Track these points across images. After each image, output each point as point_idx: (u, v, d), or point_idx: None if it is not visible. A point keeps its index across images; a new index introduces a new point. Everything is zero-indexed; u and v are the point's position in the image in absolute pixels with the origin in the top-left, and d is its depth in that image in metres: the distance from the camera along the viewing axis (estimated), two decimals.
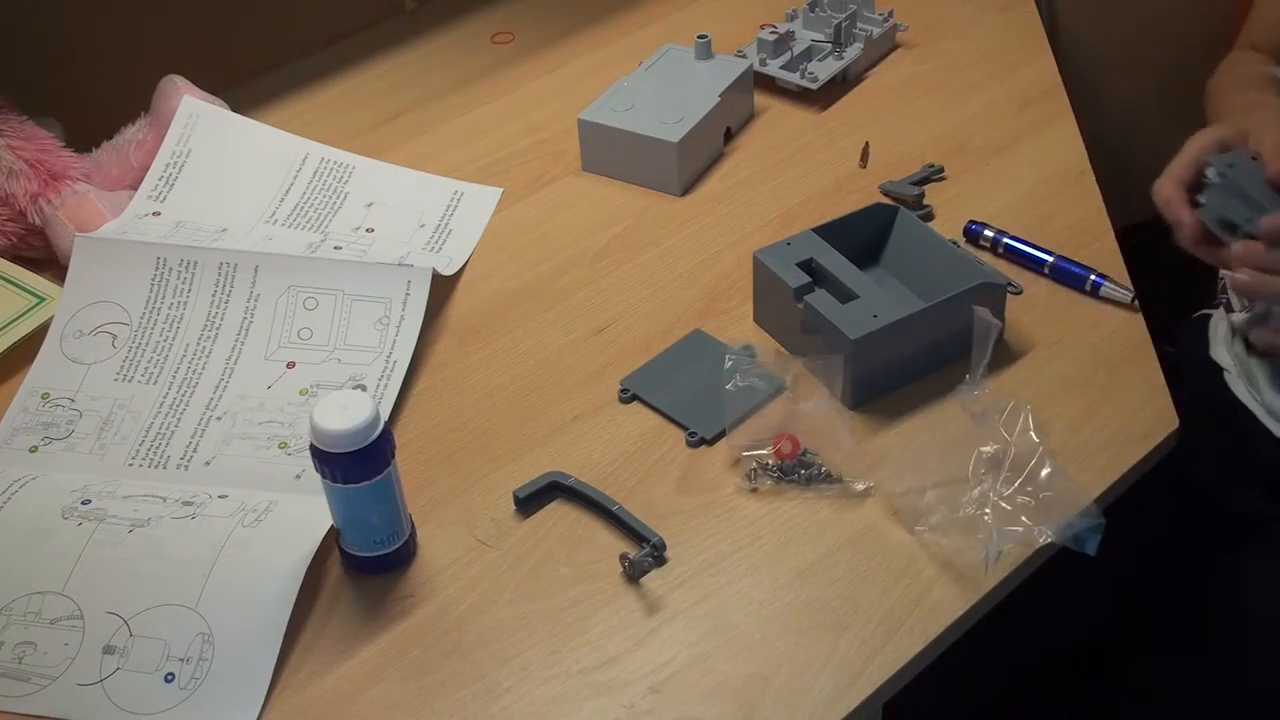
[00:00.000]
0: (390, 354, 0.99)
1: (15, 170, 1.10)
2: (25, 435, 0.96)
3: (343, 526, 0.85)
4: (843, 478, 0.90)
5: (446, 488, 0.92)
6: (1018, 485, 0.85)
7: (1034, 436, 0.88)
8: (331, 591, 0.86)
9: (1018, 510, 0.84)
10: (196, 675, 0.79)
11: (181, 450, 0.94)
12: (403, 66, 1.38)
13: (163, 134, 1.15)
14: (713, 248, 1.12)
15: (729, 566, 0.86)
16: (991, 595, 0.83)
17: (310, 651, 0.82)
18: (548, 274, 1.10)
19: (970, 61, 1.33)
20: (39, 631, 0.81)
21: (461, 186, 1.19)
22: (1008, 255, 1.07)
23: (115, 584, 0.82)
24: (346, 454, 0.79)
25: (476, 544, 0.88)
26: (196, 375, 0.99)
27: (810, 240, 1.01)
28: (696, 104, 1.19)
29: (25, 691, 0.79)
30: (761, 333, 1.03)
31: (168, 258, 1.03)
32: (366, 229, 1.13)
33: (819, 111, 1.28)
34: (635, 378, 0.99)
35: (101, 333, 1.01)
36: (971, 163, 1.19)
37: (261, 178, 1.16)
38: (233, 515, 0.86)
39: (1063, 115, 1.24)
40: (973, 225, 1.09)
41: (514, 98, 1.33)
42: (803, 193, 1.17)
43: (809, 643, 0.81)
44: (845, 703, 0.77)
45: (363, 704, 0.79)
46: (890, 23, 1.34)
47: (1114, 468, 0.90)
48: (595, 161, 1.21)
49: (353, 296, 1.01)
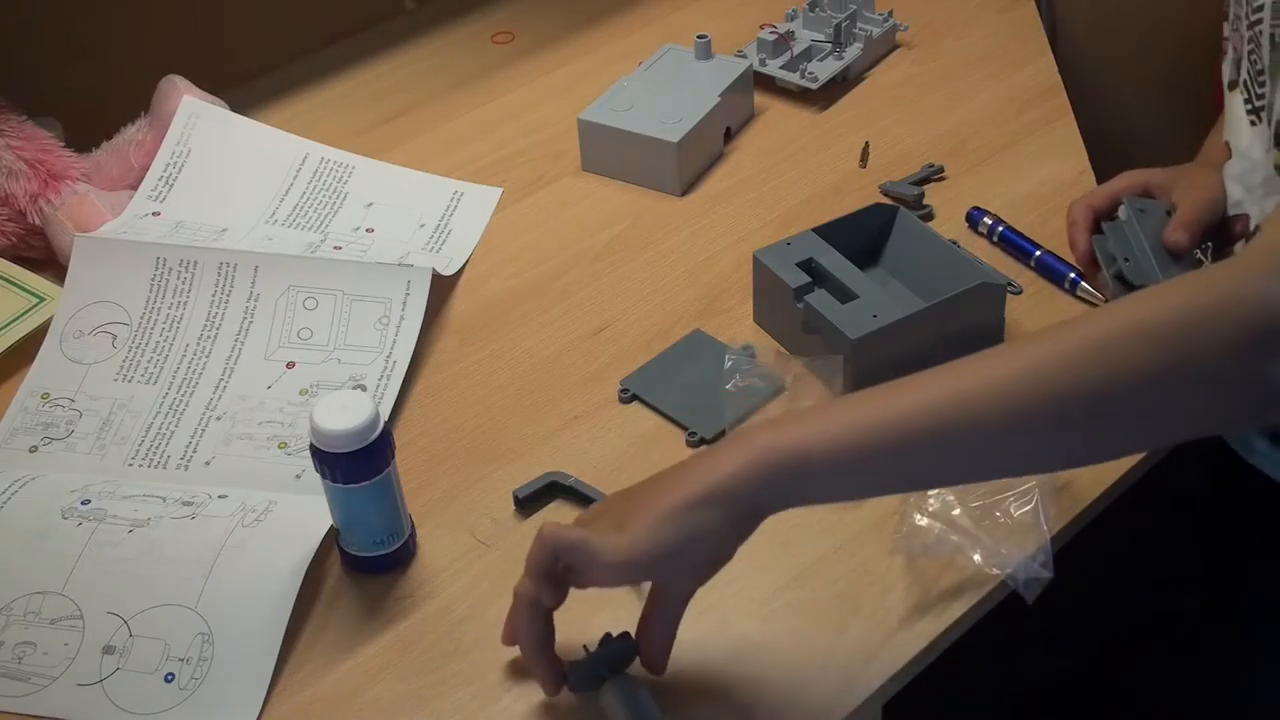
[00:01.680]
0: (390, 354, 0.99)
1: (15, 170, 1.10)
2: (25, 435, 0.96)
3: (343, 526, 0.85)
4: None
5: (446, 488, 0.92)
6: (994, 501, 0.86)
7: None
8: (331, 591, 0.86)
9: (982, 529, 0.84)
10: (196, 675, 0.79)
11: (181, 450, 0.94)
12: (403, 66, 1.38)
13: (163, 134, 1.15)
14: (713, 248, 1.12)
15: (729, 566, 0.85)
16: (991, 596, 0.83)
17: (310, 651, 0.82)
18: (548, 274, 1.10)
19: (970, 61, 1.33)
20: (39, 631, 0.81)
21: (461, 186, 1.19)
22: (1002, 244, 1.09)
23: (115, 584, 0.82)
24: (346, 454, 0.79)
25: (476, 544, 0.88)
26: (196, 375, 0.99)
27: (810, 240, 1.01)
28: (696, 104, 1.19)
29: (25, 691, 0.79)
30: (761, 333, 1.03)
31: (168, 258, 1.03)
32: (366, 229, 1.13)
33: (819, 111, 1.28)
34: (635, 378, 0.99)
35: (101, 333, 1.01)
36: (971, 163, 1.19)
37: (261, 178, 1.16)
38: (232, 515, 0.86)
39: (1063, 115, 1.24)
40: (974, 210, 1.10)
41: (514, 98, 1.33)
42: (803, 193, 1.17)
43: (809, 643, 0.81)
44: (845, 703, 0.77)
45: (363, 704, 0.79)
46: (890, 23, 1.34)
47: (1114, 467, 0.90)
48: (595, 161, 1.21)
49: (353, 296, 1.01)
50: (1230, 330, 0.65)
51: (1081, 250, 1.03)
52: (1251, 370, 0.66)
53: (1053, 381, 0.67)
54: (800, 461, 0.68)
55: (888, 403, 0.69)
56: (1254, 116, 0.95)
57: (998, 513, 0.85)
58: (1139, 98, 1.61)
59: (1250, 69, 0.94)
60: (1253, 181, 0.97)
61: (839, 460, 0.68)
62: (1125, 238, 1.00)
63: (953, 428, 0.68)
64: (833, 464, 0.68)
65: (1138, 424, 0.69)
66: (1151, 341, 0.66)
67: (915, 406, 0.68)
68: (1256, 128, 0.95)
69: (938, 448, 0.68)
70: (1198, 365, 0.66)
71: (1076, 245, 1.03)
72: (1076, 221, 1.04)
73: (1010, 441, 0.68)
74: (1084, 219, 1.03)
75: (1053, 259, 1.05)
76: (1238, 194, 0.99)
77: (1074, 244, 1.04)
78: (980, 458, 0.70)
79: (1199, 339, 0.66)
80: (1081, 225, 1.03)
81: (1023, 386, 0.67)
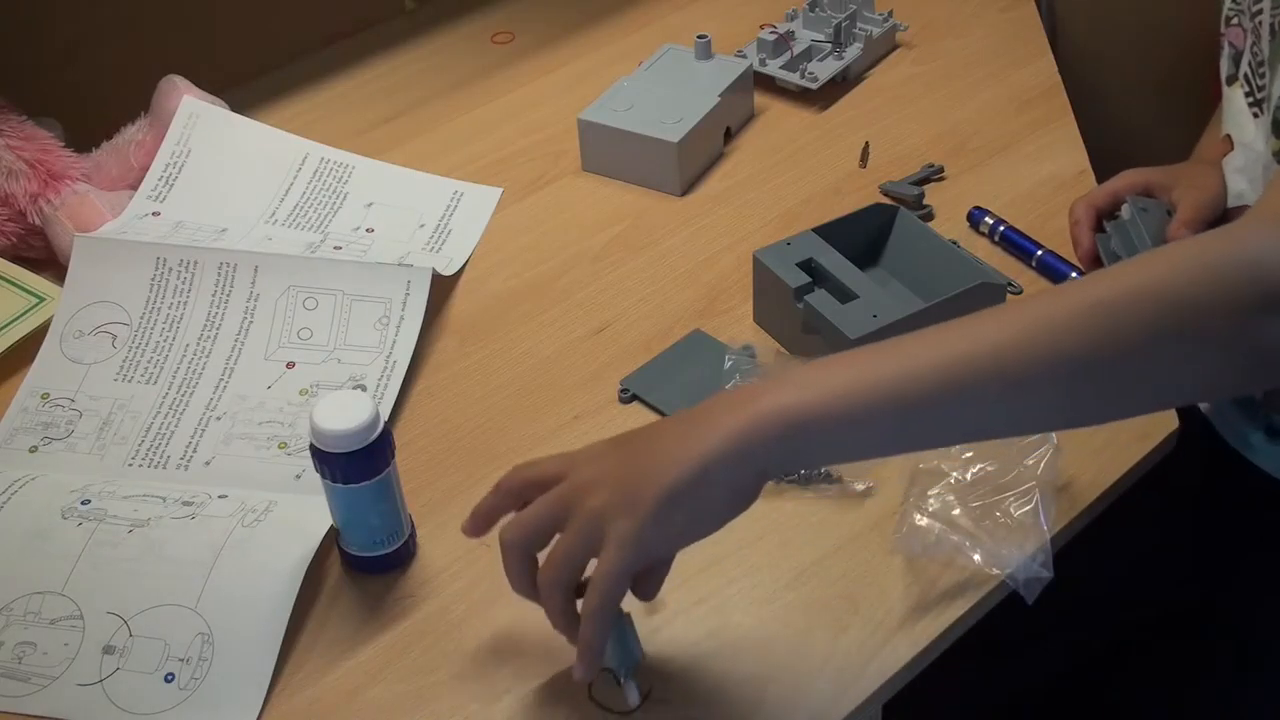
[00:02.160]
0: (390, 354, 0.99)
1: (15, 170, 1.10)
2: (25, 435, 0.96)
3: (343, 526, 0.85)
4: (843, 478, 0.90)
5: (446, 488, 0.92)
6: (994, 501, 0.86)
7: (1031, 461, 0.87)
8: (331, 591, 0.86)
9: (982, 529, 0.84)
10: (196, 675, 0.79)
11: (181, 450, 0.94)
12: (403, 66, 1.38)
13: (162, 134, 1.15)
14: (713, 248, 1.12)
15: (729, 566, 0.86)
16: (991, 596, 0.83)
17: (310, 651, 0.82)
18: (548, 274, 1.10)
19: (970, 61, 1.33)
20: (39, 631, 0.81)
21: (461, 186, 1.19)
22: (1004, 244, 1.09)
23: (115, 584, 0.82)
24: (346, 454, 0.79)
25: (476, 544, 0.88)
26: (196, 375, 0.99)
27: (810, 240, 1.01)
28: (696, 104, 1.19)
29: (25, 691, 0.79)
30: (761, 333, 1.03)
31: (167, 258, 1.03)
32: (366, 229, 1.13)
33: (819, 111, 1.28)
34: (635, 378, 0.99)
35: (101, 333, 1.01)
36: (971, 163, 1.19)
37: (261, 178, 1.16)
38: (232, 515, 0.86)
39: (1063, 115, 1.24)
40: (976, 210, 1.10)
41: (514, 98, 1.33)
42: (803, 193, 1.17)
43: (809, 643, 0.81)
44: (845, 703, 0.77)
45: (363, 704, 0.79)
46: (890, 23, 1.34)
47: (1114, 467, 0.90)
48: (595, 161, 1.21)
49: (353, 296, 1.01)
50: (1228, 291, 0.66)
51: (1085, 249, 1.03)
52: (1248, 330, 0.66)
53: (1056, 341, 0.67)
54: (801, 427, 0.68)
55: (888, 361, 0.69)
56: (1256, 109, 0.95)
57: (998, 513, 0.85)
58: (1139, 98, 1.61)
59: (1251, 60, 0.94)
60: (1255, 173, 0.97)
61: (840, 421, 0.68)
62: (1129, 237, 1.01)
63: (956, 386, 0.67)
64: (834, 425, 0.68)
65: (1140, 384, 0.69)
66: (1153, 302, 0.66)
67: (915, 366, 0.68)
68: (1259, 119, 0.95)
69: (941, 408, 0.68)
70: (1197, 326, 0.66)
71: (1080, 243, 1.04)
72: (1080, 220, 1.04)
73: (1015, 400, 0.68)
74: (1087, 218, 1.04)
75: (1054, 259, 1.05)
76: (1240, 186, 0.99)
77: (1077, 242, 1.04)
78: (983, 417, 0.69)
79: (1198, 300, 0.66)
80: (1085, 224, 1.04)
81: (1026, 346, 0.67)
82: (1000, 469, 0.87)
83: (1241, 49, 0.96)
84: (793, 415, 0.68)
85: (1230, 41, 0.98)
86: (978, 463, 0.87)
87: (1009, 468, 0.87)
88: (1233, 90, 0.98)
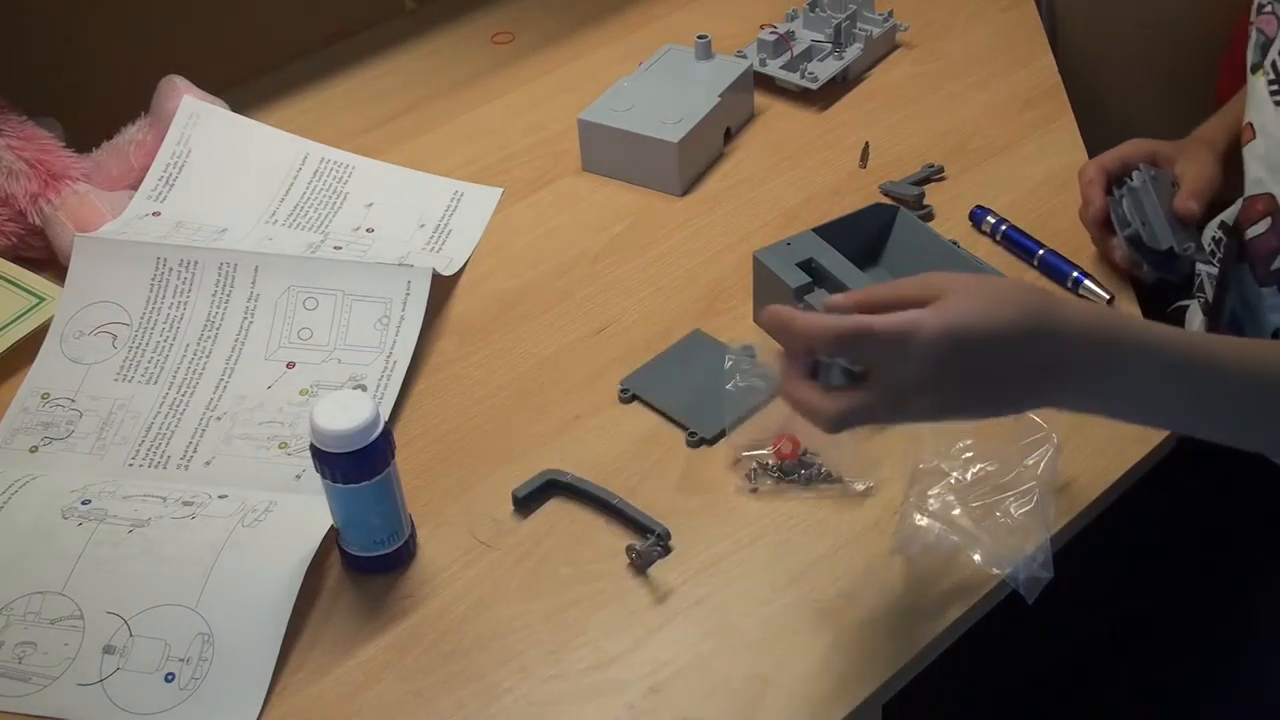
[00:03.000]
0: (390, 354, 0.99)
1: (15, 170, 1.10)
2: (25, 435, 0.96)
3: (343, 526, 0.85)
4: (843, 478, 0.90)
5: (446, 488, 0.92)
6: (994, 501, 0.86)
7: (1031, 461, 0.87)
8: (331, 591, 0.86)
9: (982, 529, 0.84)
10: (196, 675, 0.79)
11: (181, 450, 0.94)
12: (403, 66, 1.38)
13: (163, 134, 1.15)
14: (713, 248, 1.12)
15: (729, 566, 0.86)
16: (991, 596, 0.83)
17: (310, 651, 0.82)
18: (548, 274, 1.10)
19: (970, 61, 1.33)
20: (39, 631, 0.81)
21: (461, 186, 1.19)
22: (1005, 243, 1.09)
23: (115, 584, 0.82)
24: (346, 454, 0.79)
25: (476, 544, 0.88)
26: (196, 375, 0.99)
27: (810, 240, 1.01)
28: (696, 104, 1.19)
29: (25, 691, 0.79)
30: (761, 333, 1.03)
31: (168, 258, 1.03)
32: (366, 229, 1.13)
33: (819, 111, 1.28)
34: (635, 378, 0.99)
35: (101, 333, 1.01)
36: (971, 163, 1.19)
37: (261, 178, 1.16)
38: (233, 515, 0.86)
39: (1063, 115, 1.24)
40: (978, 210, 1.10)
41: (514, 98, 1.33)
42: (803, 193, 1.17)
43: (809, 643, 0.81)
44: (845, 703, 0.78)
45: (363, 704, 0.79)
46: (890, 23, 1.34)
47: (1114, 468, 0.90)
48: (595, 161, 1.21)
49: (353, 296, 1.01)
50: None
51: (1097, 207, 1.04)
52: None
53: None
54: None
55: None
56: (1278, 97, 0.96)
57: (998, 513, 0.85)
58: (1139, 98, 1.61)
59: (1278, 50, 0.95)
60: (1276, 160, 0.97)
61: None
62: (1140, 203, 1.02)
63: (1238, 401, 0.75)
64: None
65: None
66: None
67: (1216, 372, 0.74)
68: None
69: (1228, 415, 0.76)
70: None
71: (1092, 202, 1.04)
72: (1093, 180, 1.05)
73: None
74: (1099, 179, 1.05)
75: (1056, 258, 1.05)
76: (1259, 173, 0.99)
77: (1089, 200, 1.05)
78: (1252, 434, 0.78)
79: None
80: (1097, 184, 1.05)
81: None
82: (1000, 469, 0.87)
83: (1272, 37, 0.97)
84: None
85: (1260, 29, 0.99)
86: (978, 463, 0.88)
87: (1009, 468, 0.87)
88: (1256, 78, 0.99)
